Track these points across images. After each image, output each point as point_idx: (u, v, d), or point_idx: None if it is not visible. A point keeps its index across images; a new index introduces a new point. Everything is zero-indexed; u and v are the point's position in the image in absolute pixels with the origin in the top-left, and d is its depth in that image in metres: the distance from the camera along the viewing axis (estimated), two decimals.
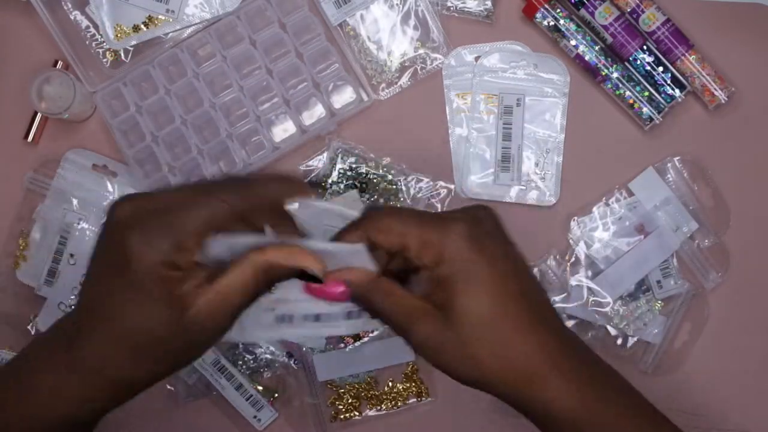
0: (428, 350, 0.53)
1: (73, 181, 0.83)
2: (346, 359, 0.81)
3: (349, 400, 0.82)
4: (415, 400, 0.82)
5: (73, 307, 0.81)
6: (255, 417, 0.81)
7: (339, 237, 0.52)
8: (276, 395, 0.82)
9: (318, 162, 0.83)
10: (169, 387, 0.83)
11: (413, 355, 0.81)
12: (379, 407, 0.82)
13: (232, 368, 0.81)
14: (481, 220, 0.52)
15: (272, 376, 0.82)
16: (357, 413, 0.82)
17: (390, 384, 0.82)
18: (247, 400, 0.81)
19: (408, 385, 0.82)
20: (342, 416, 0.82)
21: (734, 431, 0.81)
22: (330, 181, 0.82)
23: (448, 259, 0.50)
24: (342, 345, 0.80)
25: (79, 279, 0.82)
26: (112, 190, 0.83)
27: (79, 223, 0.82)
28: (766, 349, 0.82)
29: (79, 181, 0.83)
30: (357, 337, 0.80)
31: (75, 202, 0.83)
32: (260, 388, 0.82)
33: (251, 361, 0.82)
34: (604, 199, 0.81)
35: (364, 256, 0.52)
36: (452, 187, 0.82)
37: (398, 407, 0.82)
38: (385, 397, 0.82)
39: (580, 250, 0.81)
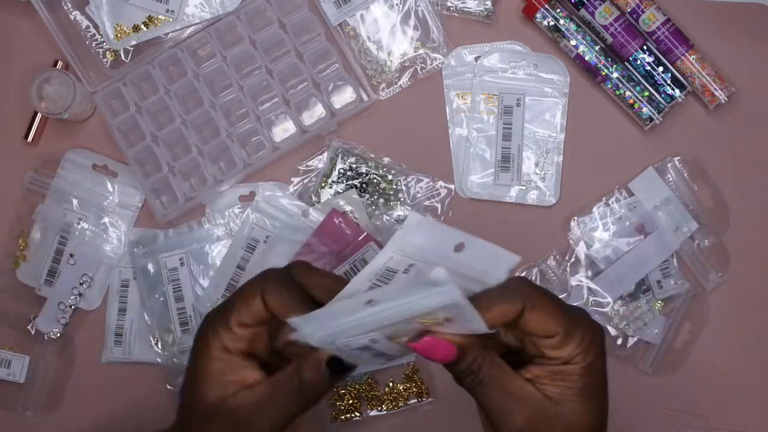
0: None
1: (73, 181, 0.83)
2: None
3: (350, 401, 0.82)
4: (415, 400, 0.82)
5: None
6: None
7: (485, 303, 0.49)
8: None
9: (318, 162, 0.83)
10: (169, 387, 0.83)
11: (413, 356, 0.81)
12: (379, 407, 0.82)
13: None
14: (601, 330, 0.52)
15: None
16: (357, 413, 0.82)
17: (390, 384, 0.82)
18: None
19: (408, 385, 0.82)
20: (342, 416, 0.82)
21: (734, 431, 0.81)
22: (330, 181, 0.82)
23: (585, 364, 0.50)
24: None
25: (79, 279, 0.82)
26: (112, 190, 0.83)
27: (79, 223, 0.82)
28: (766, 349, 0.82)
29: (79, 181, 0.83)
30: None
31: (75, 202, 0.83)
32: None
33: None
34: (604, 199, 0.81)
35: (479, 321, 0.48)
36: (452, 187, 0.82)
37: (399, 407, 0.82)
38: (385, 397, 0.82)
39: (580, 250, 0.81)
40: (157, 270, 0.81)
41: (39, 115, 0.84)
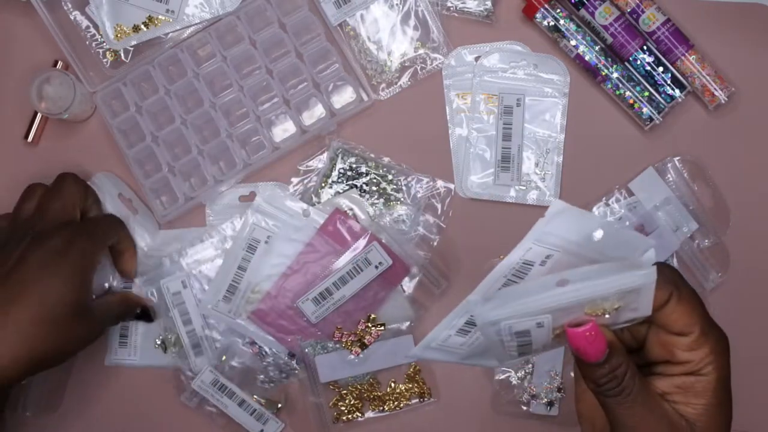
0: None
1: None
2: (348, 360, 0.81)
3: (352, 402, 0.82)
4: (417, 400, 0.82)
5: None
6: (262, 431, 0.82)
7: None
8: (279, 406, 0.82)
9: (318, 162, 0.83)
10: (181, 399, 0.83)
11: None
12: (381, 408, 0.82)
13: (232, 385, 0.81)
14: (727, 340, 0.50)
15: (273, 385, 0.82)
16: (359, 414, 0.82)
17: (392, 385, 0.82)
18: (251, 414, 0.81)
19: (410, 385, 0.82)
20: (344, 417, 0.82)
21: (734, 431, 0.81)
22: (330, 181, 0.82)
23: (718, 374, 0.48)
24: (351, 356, 0.80)
25: None
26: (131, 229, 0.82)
27: None
28: (766, 349, 0.82)
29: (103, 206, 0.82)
30: (363, 346, 0.80)
31: None
32: (263, 401, 0.82)
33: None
34: (604, 199, 0.81)
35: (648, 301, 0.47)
36: (452, 186, 0.82)
37: (401, 408, 0.82)
38: (387, 398, 0.82)
39: None
40: (160, 296, 0.81)
41: (39, 116, 0.84)
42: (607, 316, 0.47)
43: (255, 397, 0.81)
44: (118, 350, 0.83)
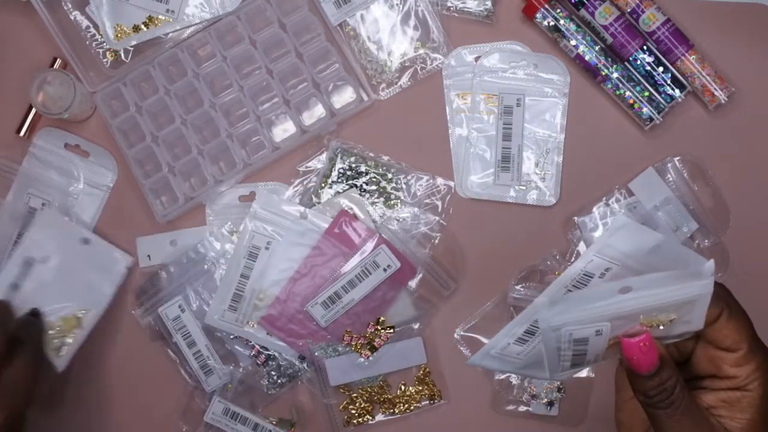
0: None
1: (44, 161, 0.83)
2: (358, 363, 0.81)
3: (362, 404, 0.82)
4: (427, 403, 0.82)
5: None
6: None
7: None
8: (294, 424, 0.82)
9: (318, 162, 0.83)
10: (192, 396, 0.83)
11: (425, 358, 0.82)
12: (392, 411, 0.82)
13: (243, 411, 0.81)
14: None
15: (279, 390, 0.82)
16: (370, 417, 0.82)
17: (402, 387, 0.82)
18: None
19: (420, 388, 0.82)
20: (355, 420, 0.82)
21: None
22: (330, 181, 0.82)
23: (763, 391, 0.48)
24: (361, 359, 0.80)
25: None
26: (78, 174, 0.84)
27: (41, 208, 0.82)
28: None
29: (49, 161, 0.83)
30: (373, 349, 0.80)
31: (41, 185, 0.83)
32: (275, 420, 0.82)
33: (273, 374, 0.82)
34: (604, 199, 0.81)
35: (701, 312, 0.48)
36: (452, 184, 0.82)
37: (411, 411, 0.82)
38: (398, 400, 0.82)
39: (580, 250, 0.81)
40: (161, 323, 0.81)
41: (33, 111, 0.83)
42: (661, 327, 0.48)
43: (269, 419, 0.81)
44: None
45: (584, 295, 0.48)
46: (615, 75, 0.81)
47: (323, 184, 0.82)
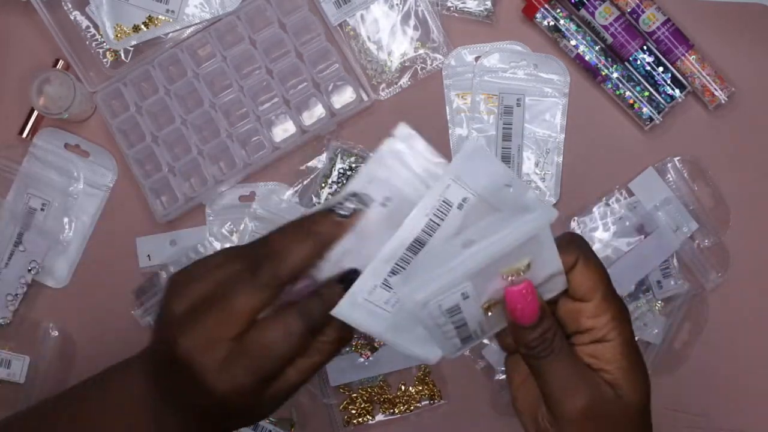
0: (580, 420, 0.50)
1: (44, 161, 0.83)
2: (358, 363, 0.81)
3: (362, 405, 0.82)
4: (428, 402, 0.82)
5: None
6: None
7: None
8: (293, 424, 0.82)
9: (318, 162, 0.83)
10: None
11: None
12: (392, 411, 0.82)
13: None
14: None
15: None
16: (370, 417, 0.82)
17: (402, 387, 0.82)
18: None
19: (420, 388, 0.82)
20: (355, 420, 0.82)
21: (734, 431, 0.81)
22: (330, 181, 0.82)
23: (623, 338, 0.50)
24: (361, 359, 0.80)
25: (27, 266, 0.82)
26: (78, 175, 0.84)
27: (43, 208, 0.83)
28: (766, 349, 0.82)
29: (49, 161, 0.83)
30: (373, 349, 0.80)
31: (41, 185, 0.83)
32: (275, 420, 0.82)
33: None
34: (604, 199, 0.81)
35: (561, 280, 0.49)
36: None
37: (411, 410, 0.82)
38: (398, 400, 0.82)
39: None
40: None
41: (35, 113, 0.83)
42: (522, 275, 0.48)
43: (269, 419, 0.81)
44: None
45: (430, 260, 0.47)
46: (615, 75, 0.81)
47: (323, 184, 0.82)
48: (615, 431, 0.50)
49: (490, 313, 0.50)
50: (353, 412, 0.82)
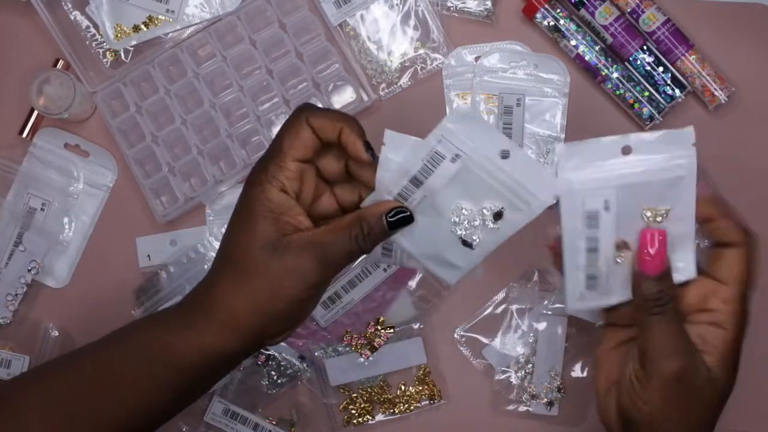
0: (664, 387, 0.54)
1: (44, 161, 0.83)
2: (358, 363, 0.81)
3: (362, 405, 0.82)
4: (427, 402, 0.82)
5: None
6: None
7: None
8: (294, 424, 0.82)
9: None
10: None
11: (425, 358, 0.82)
12: (392, 411, 0.82)
13: (243, 411, 0.81)
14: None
15: (278, 390, 0.82)
16: (370, 417, 0.82)
17: (402, 387, 0.82)
18: None
19: (421, 388, 0.82)
20: (355, 420, 0.82)
21: (734, 431, 0.81)
22: None
23: (739, 340, 0.56)
24: (361, 359, 0.80)
25: (27, 266, 0.83)
26: (78, 175, 0.84)
27: (43, 208, 0.83)
28: (766, 349, 0.82)
29: (49, 161, 0.83)
30: (373, 349, 0.80)
31: (41, 185, 0.83)
32: (275, 420, 0.81)
33: (273, 373, 0.82)
34: None
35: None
36: None
37: (411, 411, 0.82)
38: (398, 400, 0.82)
39: None
40: None
41: (35, 113, 0.84)
42: (659, 220, 0.53)
43: (269, 419, 0.81)
44: None
45: (595, 148, 0.52)
46: (615, 75, 0.81)
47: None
48: (697, 403, 0.54)
49: (619, 260, 0.53)
50: (353, 412, 0.82)
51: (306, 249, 0.54)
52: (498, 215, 0.53)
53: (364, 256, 0.56)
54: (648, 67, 0.80)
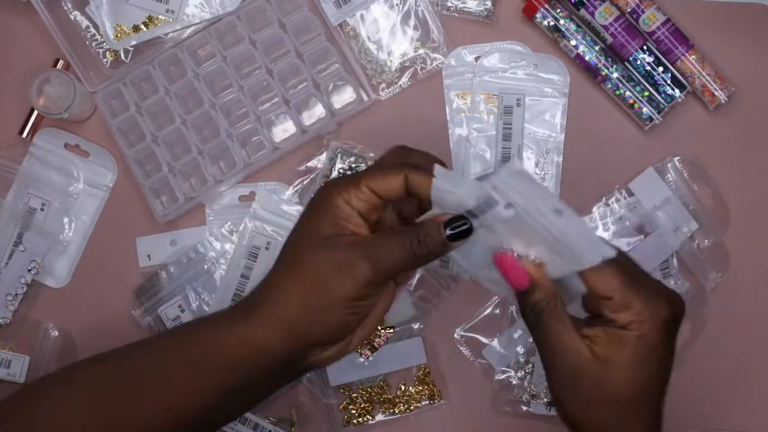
0: (561, 382, 0.55)
1: (44, 161, 0.83)
2: (358, 363, 0.81)
3: (362, 405, 0.82)
4: (428, 402, 0.82)
5: None
6: None
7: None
8: (294, 424, 0.82)
9: (318, 162, 0.83)
10: None
11: (425, 358, 0.82)
12: (392, 411, 0.82)
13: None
14: (677, 312, 0.55)
15: (284, 399, 0.82)
16: (370, 417, 0.82)
17: (402, 387, 0.82)
18: None
19: (421, 388, 0.82)
20: (355, 420, 0.82)
21: (734, 431, 0.81)
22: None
23: (639, 333, 0.54)
24: (361, 359, 0.80)
25: (27, 266, 0.82)
26: (78, 174, 0.84)
27: (43, 208, 0.83)
28: (766, 348, 0.82)
29: (49, 161, 0.83)
30: (373, 349, 0.80)
31: (40, 185, 0.83)
32: (275, 419, 0.81)
33: None
34: (604, 199, 0.81)
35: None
36: None
37: (411, 411, 0.82)
38: (398, 400, 0.82)
39: None
40: (161, 323, 0.81)
41: (35, 113, 0.84)
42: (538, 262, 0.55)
43: (269, 419, 0.81)
44: None
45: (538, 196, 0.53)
46: (615, 75, 0.81)
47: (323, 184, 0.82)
48: (602, 399, 0.54)
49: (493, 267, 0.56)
50: (353, 412, 0.82)
51: (358, 247, 0.55)
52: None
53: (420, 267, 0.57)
54: (648, 67, 0.80)
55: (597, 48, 0.81)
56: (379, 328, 0.80)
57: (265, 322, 0.56)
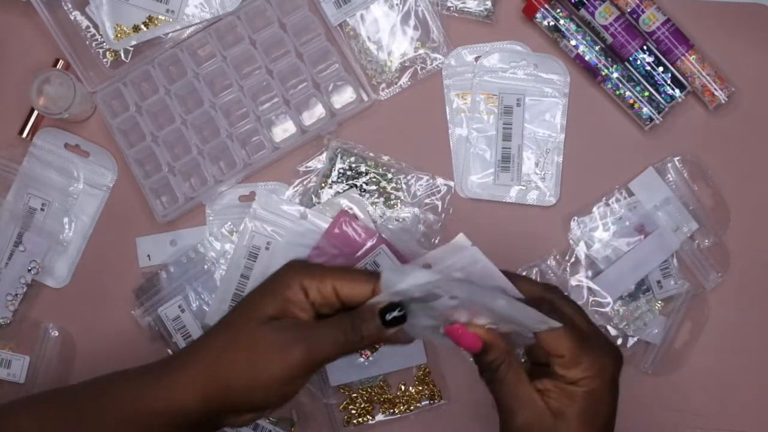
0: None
1: (44, 161, 0.83)
2: (358, 363, 0.81)
3: (362, 405, 0.82)
4: (428, 402, 0.82)
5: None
6: None
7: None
8: (294, 424, 0.82)
9: (318, 162, 0.83)
10: None
11: (425, 358, 0.81)
12: (392, 411, 0.82)
13: None
14: (619, 365, 0.58)
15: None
16: (370, 417, 0.82)
17: (402, 387, 0.82)
18: None
19: (421, 388, 0.82)
20: (355, 420, 0.82)
21: (734, 431, 0.81)
22: (330, 181, 0.82)
23: (588, 389, 0.56)
24: (361, 359, 0.80)
25: (27, 266, 0.82)
26: (78, 175, 0.84)
27: (43, 208, 0.83)
28: (766, 348, 0.82)
29: (49, 161, 0.83)
30: (373, 349, 0.80)
31: (41, 185, 0.83)
32: (275, 420, 0.81)
33: None
34: (604, 199, 0.81)
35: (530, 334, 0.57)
36: (452, 183, 0.82)
37: (411, 410, 0.82)
38: (398, 400, 0.82)
39: (580, 250, 0.81)
40: (161, 323, 0.81)
41: (35, 113, 0.84)
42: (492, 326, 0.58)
43: (269, 419, 0.81)
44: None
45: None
46: (615, 75, 0.81)
47: (323, 184, 0.82)
48: None
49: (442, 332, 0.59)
50: (353, 412, 0.82)
51: (298, 330, 0.57)
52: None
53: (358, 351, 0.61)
54: (648, 67, 0.80)
55: (597, 48, 0.81)
56: None
57: (187, 386, 0.58)
